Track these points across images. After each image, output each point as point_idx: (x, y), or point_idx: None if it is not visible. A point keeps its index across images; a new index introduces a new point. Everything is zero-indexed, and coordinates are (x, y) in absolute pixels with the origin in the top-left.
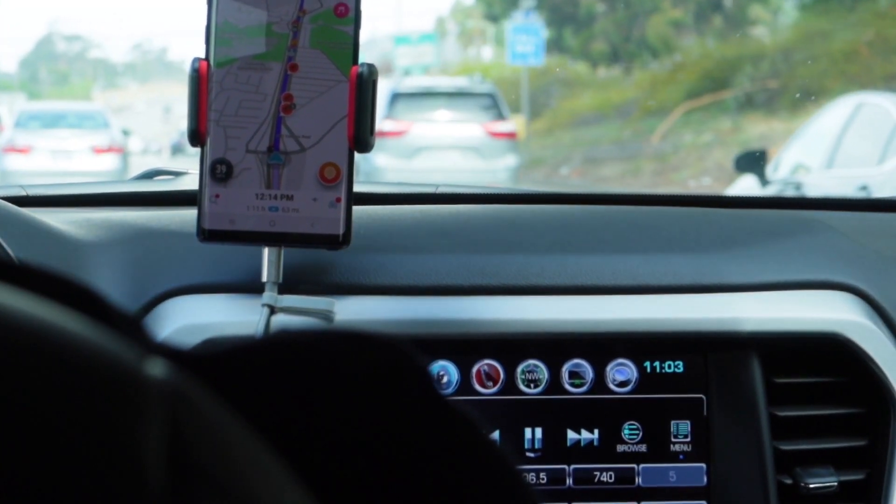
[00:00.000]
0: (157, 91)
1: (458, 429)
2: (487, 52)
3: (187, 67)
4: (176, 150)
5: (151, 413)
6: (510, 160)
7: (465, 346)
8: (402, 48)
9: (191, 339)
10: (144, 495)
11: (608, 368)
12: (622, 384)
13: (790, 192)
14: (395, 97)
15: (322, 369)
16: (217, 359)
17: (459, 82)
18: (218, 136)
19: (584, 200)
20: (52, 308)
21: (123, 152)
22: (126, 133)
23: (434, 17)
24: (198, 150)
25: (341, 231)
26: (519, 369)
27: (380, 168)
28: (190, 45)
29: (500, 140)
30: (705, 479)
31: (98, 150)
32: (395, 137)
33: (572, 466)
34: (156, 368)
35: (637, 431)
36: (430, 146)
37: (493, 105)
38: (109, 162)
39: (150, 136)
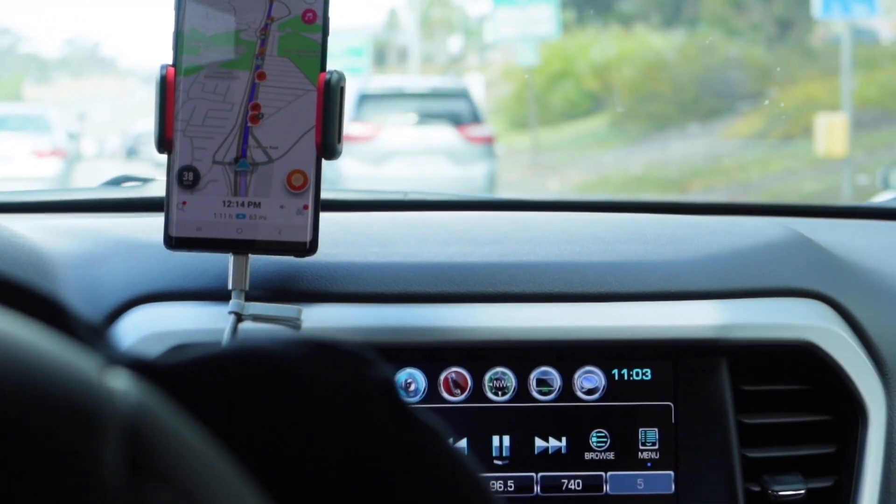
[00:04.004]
0: (89, 87)
1: (421, 438)
2: (455, 43)
3: (120, 64)
4: (131, 153)
5: (111, 425)
6: (487, 166)
7: (433, 353)
8: (505, 11)
9: (157, 348)
10: (104, 502)
11: (576, 376)
12: (590, 392)
13: None
14: (363, 98)
15: (286, 378)
16: (180, 369)
17: (432, 82)
18: (184, 146)
19: (553, 207)
20: (12, 317)
21: (67, 156)
22: (73, 136)
23: (387, 7)
24: (152, 154)
25: (308, 238)
26: (487, 377)
27: (346, 175)
28: (122, 40)
29: (477, 145)
30: (673, 486)
31: (40, 154)
32: (362, 142)
33: (540, 474)
34: (117, 380)
35: (605, 439)
36: (400, 151)
37: (469, 107)
38: (52, 167)
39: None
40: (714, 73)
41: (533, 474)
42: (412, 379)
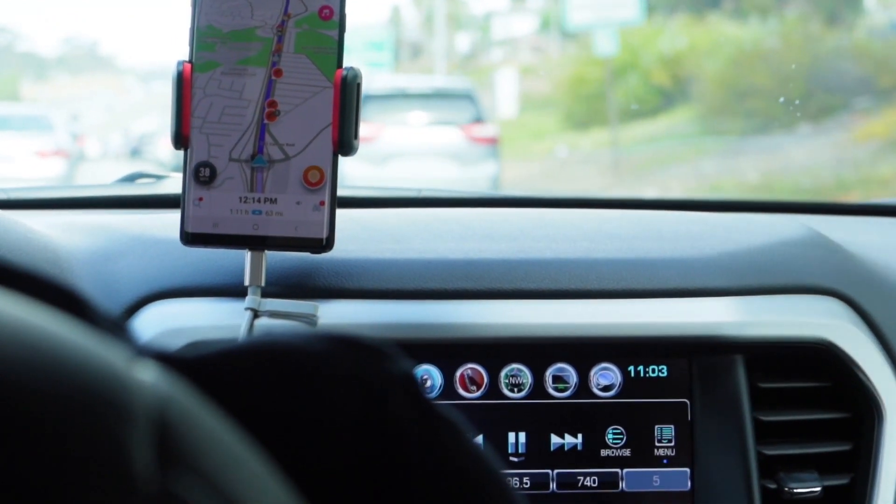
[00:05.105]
0: (87, 86)
1: (442, 432)
2: (463, 41)
3: (118, 62)
4: (135, 153)
5: (140, 415)
6: (491, 167)
7: (449, 350)
8: None
9: (174, 344)
10: (135, 494)
11: (592, 373)
12: (606, 388)
13: None
14: (366, 99)
15: (308, 373)
16: (203, 362)
17: (435, 82)
18: (201, 143)
19: (569, 204)
20: (40, 310)
21: (70, 157)
22: (76, 137)
23: (389, 3)
24: (156, 154)
25: (325, 235)
26: (503, 373)
27: (348, 176)
28: (121, 38)
29: (481, 145)
30: (689, 483)
31: (42, 155)
32: (365, 143)
33: (556, 471)
34: (144, 372)
35: (621, 436)
36: (402, 152)
37: (472, 107)
38: (55, 167)
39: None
40: (822, 66)
41: (549, 471)
42: (428, 375)
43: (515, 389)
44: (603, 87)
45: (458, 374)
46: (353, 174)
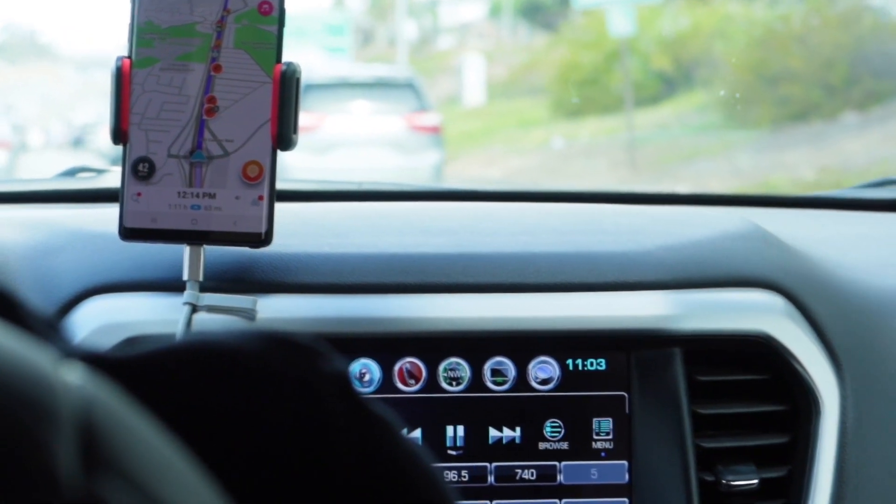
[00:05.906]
0: (26, 75)
1: (374, 430)
2: (411, 28)
3: (59, 51)
4: (77, 143)
5: (65, 418)
6: (433, 156)
7: (388, 344)
8: None
9: (111, 339)
10: (59, 497)
11: (530, 366)
12: (544, 382)
13: None
14: (307, 88)
15: (240, 372)
16: (135, 362)
17: (377, 71)
18: (139, 138)
19: (506, 198)
20: None
21: (11, 148)
22: (18, 128)
23: None
24: (98, 145)
25: (263, 229)
26: (441, 367)
27: (289, 166)
28: (60, 26)
29: (423, 134)
30: (627, 476)
31: None
32: (306, 132)
33: (494, 464)
34: (70, 374)
35: (559, 429)
36: (345, 142)
37: (415, 96)
38: None
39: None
40: (862, 47)
41: (487, 464)
42: (367, 369)
43: (454, 383)
44: (597, 73)
45: (396, 367)
46: (295, 164)
